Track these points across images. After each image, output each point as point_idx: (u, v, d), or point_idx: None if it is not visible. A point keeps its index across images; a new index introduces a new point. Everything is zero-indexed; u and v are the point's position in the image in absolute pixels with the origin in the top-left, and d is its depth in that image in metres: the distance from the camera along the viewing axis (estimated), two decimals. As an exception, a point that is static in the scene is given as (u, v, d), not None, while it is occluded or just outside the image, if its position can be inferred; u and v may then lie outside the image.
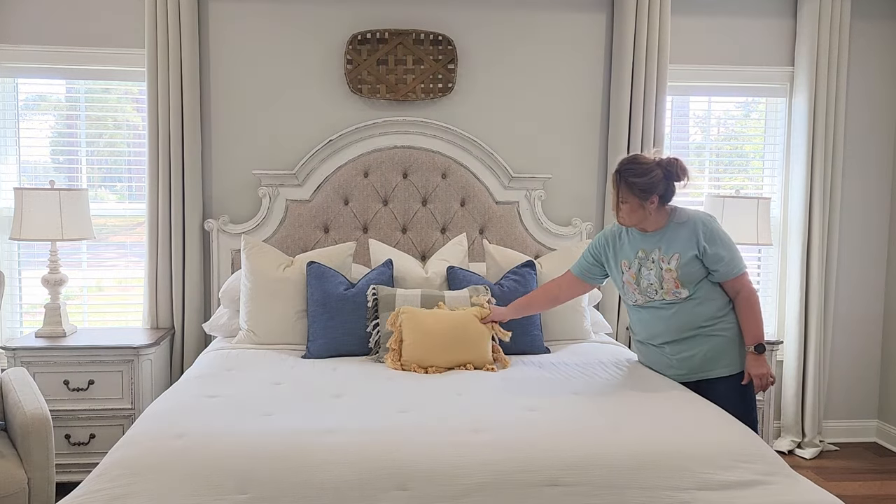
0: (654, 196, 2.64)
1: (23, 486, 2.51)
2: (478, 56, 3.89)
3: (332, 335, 3.14)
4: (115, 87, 3.90)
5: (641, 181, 2.62)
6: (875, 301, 4.21)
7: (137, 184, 3.91)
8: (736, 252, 2.68)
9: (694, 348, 2.72)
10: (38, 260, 3.83)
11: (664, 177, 2.64)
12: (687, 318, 2.70)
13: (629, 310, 2.90)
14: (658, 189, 2.64)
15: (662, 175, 2.64)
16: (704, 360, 2.71)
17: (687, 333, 2.71)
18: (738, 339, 2.71)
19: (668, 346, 2.77)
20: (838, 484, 3.60)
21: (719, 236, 2.67)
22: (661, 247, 2.70)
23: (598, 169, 3.99)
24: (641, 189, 2.63)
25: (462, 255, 3.55)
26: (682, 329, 2.71)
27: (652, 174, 2.62)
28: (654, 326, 2.79)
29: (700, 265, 2.66)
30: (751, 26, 4.02)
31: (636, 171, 2.64)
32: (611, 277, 2.91)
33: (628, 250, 2.79)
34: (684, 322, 2.71)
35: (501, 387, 2.68)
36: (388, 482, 2.03)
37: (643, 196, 2.64)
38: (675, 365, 2.77)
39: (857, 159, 4.13)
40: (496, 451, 2.11)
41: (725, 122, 4.31)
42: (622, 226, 2.78)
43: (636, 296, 2.79)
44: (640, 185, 2.63)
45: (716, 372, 2.71)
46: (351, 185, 3.76)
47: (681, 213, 2.73)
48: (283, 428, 2.21)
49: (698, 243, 2.64)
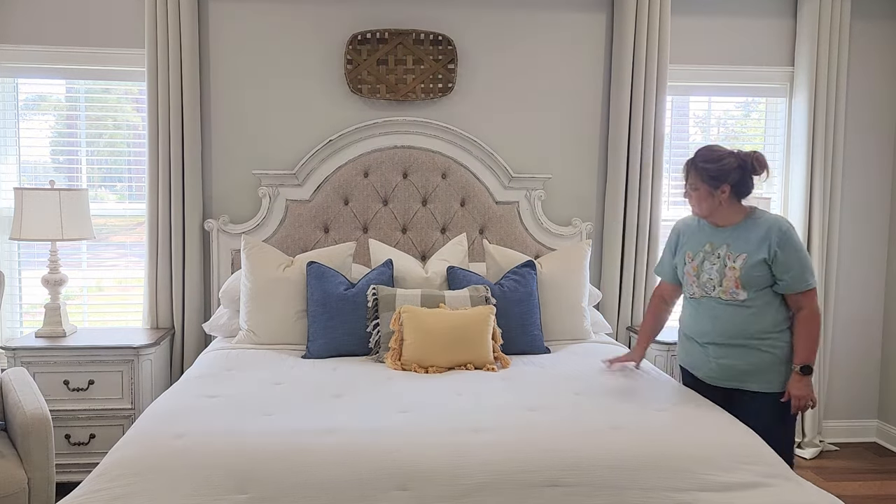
0: (726, 185, 2.54)
1: (23, 486, 2.51)
2: (478, 56, 3.89)
3: (332, 335, 3.14)
4: (115, 87, 3.90)
5: (713, 167, 2.53)
6: (875, 301, 4.21)
7: (137, 184, 3.91)
8: (808, 265, 2.53)
9: (739, 358, 2.58)
10: (38, 260, 3.82)
11: (738, 166, 2.53)
12: (741, 324, 2.56)
13: (684, 301, 2.79)
14: (730, 178, 2.53)
15: (736, 164, 2.53)
16: (745, 373, 2.58)
17: (736, 340, 2.58)
18: (787, 360, 2.56)
19: (711, 348, 2.64)
20: (838, 484, 3.60)
21: (794, 245, 2.52)
22: (730, 243, 2.58)
23: (598, 169, 3.99)
24: (712, 175, 2.54)
25: (462, 255, 3.55)
26: (732, 334, 2.58)
27: (724, 161, 2.53)
28: (704, 323, 2.65)
29: (767, 271, 2.52)
30: (751, 26, 4.02)
31: (708, 157, 2.56)
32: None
33: (696, 241, 2.69)
34: (737, 328, 2.57)
35: (502, 387, 2.68)
36: (387, 482, 2.03)
37: (713, 183, 2.54)
38: (714, 368, 2.64)
39: (857, 159, 4.13)
40: (496, 452, 2.11)
41: (725, 122, 4.31)
42: (696, 216, 2.70)
43: (694, 288, 2.68)
44: (710, 172, 2.54)
45: (753, 386, 2.58)
46: (351, 185, 3.76)
47: (758, 214, 2.61)
48: (283, 428, 2.21)
49: (770, 248, 2.50)
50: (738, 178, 2.54)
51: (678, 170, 4.18)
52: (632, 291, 3.93)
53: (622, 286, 3.93)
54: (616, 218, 3.89)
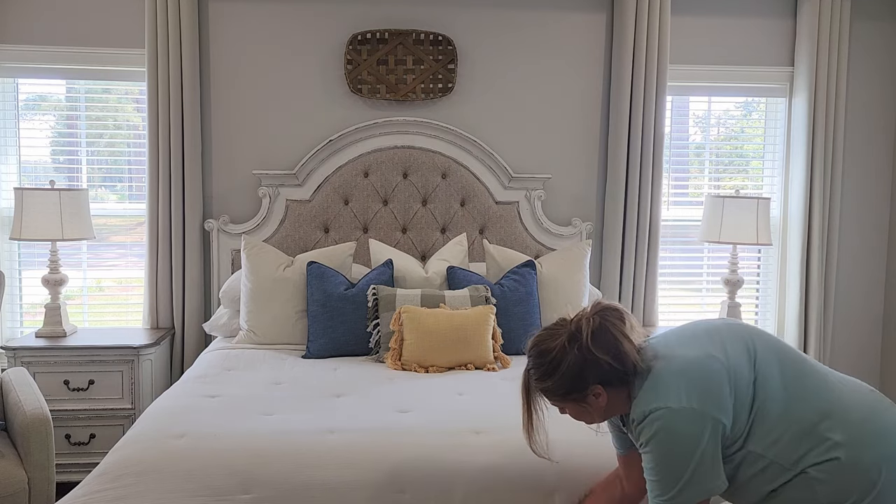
0: (590, 387, 1.71)
1: (23, 486, 2.51)
2: (478, 56, 3.89)
3: (332, 335, 3.15)
4: (116, 87, 3.90)
5: (550, 385, 1.74)
6: (875, 301, 4.21)
7: (137, 184, 3.91)
8: (670, 476, 1.64)
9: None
10: (38, 260, 3.82)
11: (584, 360, 1.69)
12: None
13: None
14: (587, 379, 1.70)
15: (580, 359, 1.69)
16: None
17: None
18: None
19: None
20: (838, 484, 3.60)
21: (658, 444, 1.65)
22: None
23: (598, 169, 3.99)
24: (559, 394, 1.75)
25: (462, 255, 3.55)
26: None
27: (561, 368, 1.70)
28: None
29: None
30: (751, 26, 4.02)
31: (540, 372, 1.74)
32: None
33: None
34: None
35: (502, 387, 2.68)
36: (387, 485, 2.03)
37: (571, 398, 1.75)
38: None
39: (856, 159, 4.12)
40: (496, 454, 2.11)
41: (725, 122, 4.31)
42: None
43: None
44: (552, 391, 1.75)
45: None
46: (351, 185, 3.76)
47: (645, 387, 1.70)
48: (283, 428, 2.22)
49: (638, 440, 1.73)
50: (596, 371, 1.69)
51: (678, 170, 4.21)
52: (632, 291, 3.92)
53: (622, 286, 3.93)
54: (616, 218, 3.89)
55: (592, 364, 1.69)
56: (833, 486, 1.64)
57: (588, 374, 1.70)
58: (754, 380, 1.70)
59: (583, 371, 1.70)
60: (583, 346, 1.69)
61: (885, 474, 1.63)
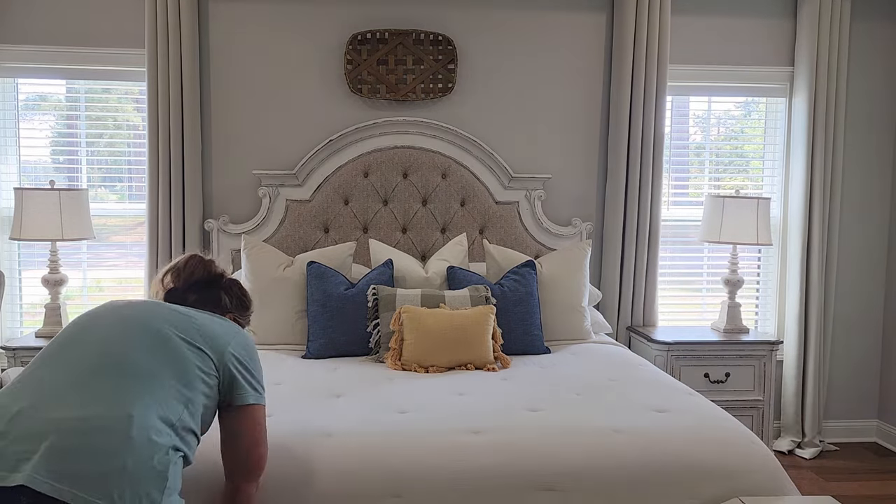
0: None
1: (23, 487, 2.50)
2: (478, 56, 3.89)
3: (332, 335, 3.14)
4: (116, 87, 3.90)
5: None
6: (875, 301, 4.21)
7: (137, 184, 3.91)
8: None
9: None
10: (38, 260, 3.82)
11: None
12: None
13: None
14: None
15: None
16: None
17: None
18: None
19: None
20: (838, 484, 3.60)
21: None
22: None
23: (598, 169, 3.99)
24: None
25: (462, 255, 3.55)
26: None
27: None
28: None
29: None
30: (751, 26, 4.02)
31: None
32: None
33: None
34: None
35: (502, 387, 2.68)
36: (383, 486, 2.03)
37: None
38: None
39: (857, 159, 4.12)
40: (496, 454, 2.11)
41: (725, 122, 4.31)
42: None
43: None
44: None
45: None
46: (351, 185, 3.76)
47: None
48: (283, 429, 2.21)
49: None
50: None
51: (678, 170, 4.21)
52: (632, 291, 3.93)
53: (622, 286, 3.93)
54: (616, 218, 3.89)
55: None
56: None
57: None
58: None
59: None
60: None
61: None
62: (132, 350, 1.72)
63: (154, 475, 1.55)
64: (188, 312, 1.89)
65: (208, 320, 1.90)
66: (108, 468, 1.50)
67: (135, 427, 1.56)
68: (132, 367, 1.68)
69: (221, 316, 2.01)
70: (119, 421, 1.56)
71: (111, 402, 1.59)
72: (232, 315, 2.08)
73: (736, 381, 3.64)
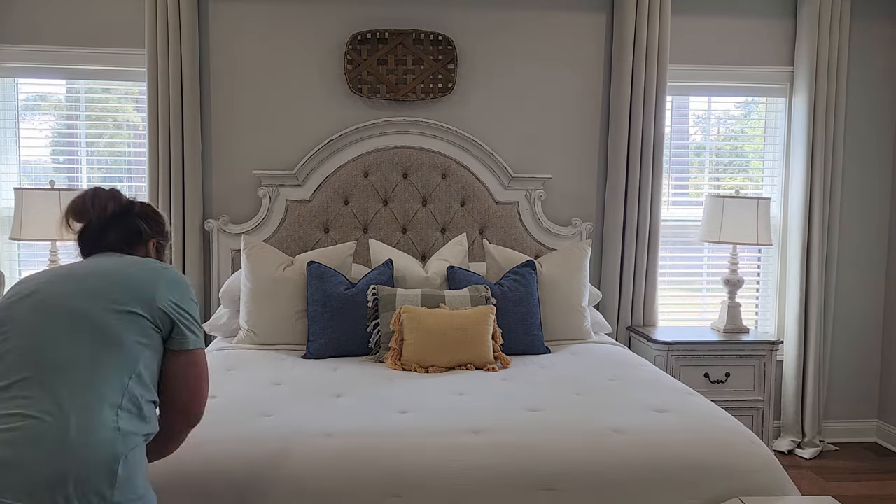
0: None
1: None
2: (478, 56, 3.89)
3: (332, 335, 3.14)
4: (116, 87, 3.90)
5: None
6: (875, 301, 4.21)
7: (137, 184, 3.91)
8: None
9: None
10: (38, 260, 3.82)
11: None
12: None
13: None
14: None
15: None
16: None
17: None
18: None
19: None
20: (838, 484, 3.60)
21: None
22: None
23: (598, 169, 3.99)
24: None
25: (462, 255, 3.55)
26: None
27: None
28: None
29: None
30: (751, 26, 4.02)
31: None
32: None
33: None
34: None
35: (502, 387, 2.68)
36: (384, 486, 2.03)
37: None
38: None
39: (856, 159, 4.12)
40: (495, 455, 2.11)
41: (725, 122, 4.31)
42: None
43: None
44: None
45: None
46: (351, 185, 3.76)
47: None
48: (283, 429, 2.21)
49: None
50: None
51: (678, 170, 4.21)
52: (632, 291, 3.93)
53: (622, 286, 3.93)
54: (616, 218, 3.89)
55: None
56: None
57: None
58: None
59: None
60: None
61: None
62: (53, 346, 1.60)
63: (103, 472, 1.49)
64: (107, 270, 1.76)
65: (133, 270, 1.76)
66: (49, 476, 1.44)
67: (72, 429, 1.49)
68: (58, 365, 1.57)
69: (144, 254, 1.89)
70: (55, 428, 1.49)
71: (44, 408, 1.51)
72: (154, 241, 1.95)
73: (736, 381, 3.64)
